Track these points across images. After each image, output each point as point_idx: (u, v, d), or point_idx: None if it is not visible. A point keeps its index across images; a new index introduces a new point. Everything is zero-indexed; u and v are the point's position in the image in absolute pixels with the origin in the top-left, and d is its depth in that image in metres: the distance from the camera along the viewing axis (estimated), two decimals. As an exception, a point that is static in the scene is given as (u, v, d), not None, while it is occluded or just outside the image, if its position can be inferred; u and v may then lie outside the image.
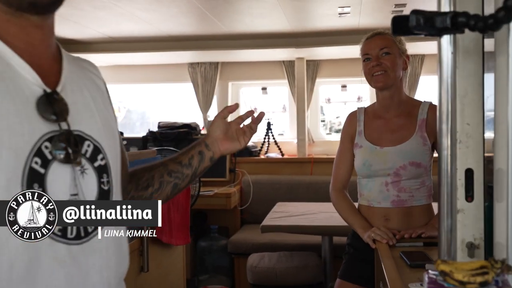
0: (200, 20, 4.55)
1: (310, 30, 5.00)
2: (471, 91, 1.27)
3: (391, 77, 2.20)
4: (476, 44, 1.25)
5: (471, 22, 1.03)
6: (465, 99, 1.26)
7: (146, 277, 2.23)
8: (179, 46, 5.40)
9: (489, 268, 1.02)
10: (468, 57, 1.27)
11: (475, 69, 1.27)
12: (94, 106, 1.15)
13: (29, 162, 0.99)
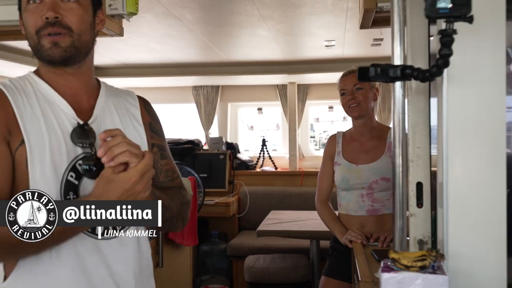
0: (204, 50, 4.66)
1: (301, 59, 5.12)
2: (420, 122, 1.48)
3: (363, 108, 2.36)
4: (424, 87, 1.46)
5: (415, 73, 1.26)
6: (416, 128, 1.47)
7: (161, 272, 2.31)
8: (184, 71, 5.49)
9: (427, 256, 1.23)
10: (417, 96, 1.47)
11: (423, 105, 1.48)
12: (128, 131, 1.26)
13: (66, 176, 1.16)
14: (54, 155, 1.14)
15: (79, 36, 1.15)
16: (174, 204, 1.29)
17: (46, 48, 1.11)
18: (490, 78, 1.28)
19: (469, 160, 1.30)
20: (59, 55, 1.12)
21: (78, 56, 1.17)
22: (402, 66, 1.29)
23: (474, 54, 1.26)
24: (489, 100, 1.28)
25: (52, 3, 1.11)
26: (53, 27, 1.10)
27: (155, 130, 1.36)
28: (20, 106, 1.15)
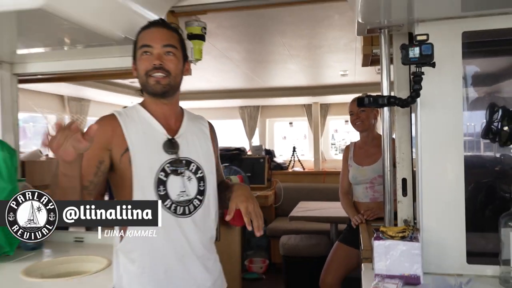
0: (247, 79, 4.83)
1: (322, 85, 5.21)
2: (404, 135, 1.62)
3: (365, 125, 2.51)
4: (406, 109, 1.59)
5: (397, 101, 1.42)
6: (401, 139, 1.61)
7: (218, 244, 2.50)
8: (233, 96, 5.65)
9: (407, 229, 1.37)
10: (402, 116, 1.60)
11: (406, 123, 1.61)
12: (199, 144, 1.35)
13: (158, 174, 1.25)
14: (150, 159, 1.25)
15: (174, 77, 1.28)
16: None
17: (151, 85, 1.25)
18: (450, 103, 1.40)
19: (436, 162, 1.41)
20: (160, 90, 1.26)
21: (171, 91, 1.29)
22: (388, 96, 1.45)
23: (438, 87, 1.40)
24: (449, 118, 1.40)
25: (159, 55, 1.25)
26: (157, 71, 1.24)
27: (216, 145, 1.46)
28: (127, 125, 1.27)
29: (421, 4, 1.29)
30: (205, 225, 1.34)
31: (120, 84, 4.80)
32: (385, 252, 1.32)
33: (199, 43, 2.07)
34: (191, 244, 1.28)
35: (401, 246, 1.30)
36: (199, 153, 1.34)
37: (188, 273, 1.29)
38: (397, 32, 1.55)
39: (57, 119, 4.80)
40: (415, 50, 1.27)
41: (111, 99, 5.33)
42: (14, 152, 1.74)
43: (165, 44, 1.26)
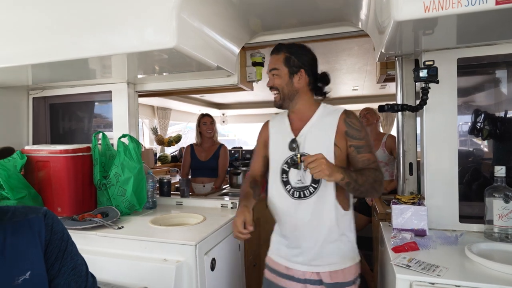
0: None
1: (337, 97, 5.17)
2: (410, 132, 1.67)
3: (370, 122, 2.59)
4: (413, 114, 1.64)
5: (409, 108, 1.48)
6: (408, 135, 1.66)
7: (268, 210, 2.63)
8: (270, 105, 5.27)
9: (415, 197, 1.44)
10: (409, 118, 1.65)
11: (412, 123, 1.66)
12: (318, 139, 1.20)
13: (282, 166, 1.25)
14: (279, 154, 1.27)
15: (282, 90, 1.26)
16: (367, 181, 1.14)
17: (274, 101, 1.31)
18: (447, 109, 1.45)
19: (437, 151, 1.46)
20: (276, 105, 1.29)
21: (287, 101, 1.26)
22: (401, 104, 1.52)
23: (439, 97, 1.45)
24: (447, 120, 1.45)
25: (270, 80, 1.28)
26: (272, 90, 1.30)
27: (350, 135, 1.20)
28: (272, 128, 1.34)
29: (427, 40, 1.35)
30: (318, 208, 1.20)
31: (192, 98, 5.00)
32: (401, 213, 1.39)
33: (259, 69, 2.19)
34: (300, 221, 1.22)
35: (412, 209, 1.37)
36: (316, 148, 1.19)
37: (297, 242, 1.25)
38: (407, 59, 1.60)
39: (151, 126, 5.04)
40: (424, 71, 1.32)
41: (185, 108, 5.55)
42: (139, 143, 1.92)
43: (270, 69, 1.27)
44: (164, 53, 1.38)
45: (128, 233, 1.49)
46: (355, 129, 1.21)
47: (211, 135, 2.88)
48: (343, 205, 1.23)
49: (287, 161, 1.24)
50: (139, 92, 2.25)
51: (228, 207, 2.00)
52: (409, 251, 1.18)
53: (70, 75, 1.89)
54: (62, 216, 1.77)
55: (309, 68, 1.26)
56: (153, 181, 2.01)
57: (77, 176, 1.81)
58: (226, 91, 2.29)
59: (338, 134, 1.21)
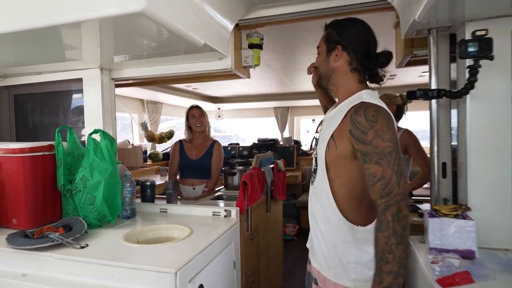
0: (282, 85, 4.58)
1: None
2: (444, 124, 1.37)
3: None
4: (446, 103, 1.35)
5: (447, 93, 1.17)
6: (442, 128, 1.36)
7: (269, 214, 2.32)
8: (269, 99, 5.43)
9: (459, 208, 1.14)
10: (441, 108, 1.35)
11: (446, 114, 1.37)
12: (327, 128, 1.05)
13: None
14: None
15: (320, 69, 1.14)
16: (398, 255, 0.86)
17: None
18: (499, 96, 1.14)
19: (486, 149, 1.16)
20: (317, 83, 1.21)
21: (324, 81, 1.14)
22: (438, 90, 1.20)
23: (487, 81, 1.14)
24: (497, 110, 1.15)
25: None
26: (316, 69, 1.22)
27: (355, 137, 0.94)
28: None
29: (474, 3, 1.04)
30: (316, 198, 1.09)
31: (184, 90, 4.68)
32: (440, 228, 1.09)
33: (257, 51, 1.87)
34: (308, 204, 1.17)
35: (456, 224, 1.07)
36: (321, 137, 1.08)
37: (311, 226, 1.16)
38: (441, 34, 1.30)
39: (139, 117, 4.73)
40: (473, 45, 1.02)
41: (178, 101, 5.23)
42: (113, 140, 1.60)
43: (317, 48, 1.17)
44: (132, 22, 1.05)
45: (91, 255, 1.18)
46: (360, 130, 0.94)
47: (201, 129, 2.55)
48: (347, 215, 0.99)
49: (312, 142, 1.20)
50: (116, 80, 1.93)
51: (221, 215, 1.69)
52: (462, 285, 0.88)
53: (33, 55, 1.57)
54: (16, 229, 1.45)
55: (350, 44, 1.06)
56: (132, 185, 1.70)
57: (36, 180, 1.50)
58: (218, 78, 1.97)
59: (340, 129, 0.99)
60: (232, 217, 1.66)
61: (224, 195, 2.40)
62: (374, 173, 0.90)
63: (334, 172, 1.00)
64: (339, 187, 0.99)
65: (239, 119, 6.75)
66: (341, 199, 0.99)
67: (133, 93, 4.35)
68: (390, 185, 0.88)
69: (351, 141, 0.95)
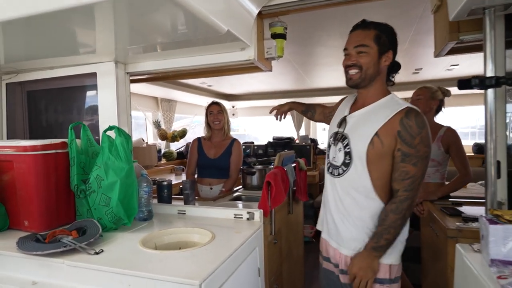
0: (299, 81, 4.42)
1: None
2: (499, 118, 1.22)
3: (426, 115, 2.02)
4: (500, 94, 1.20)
5: (509, 82, 1.02)
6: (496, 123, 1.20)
7: (291, 216, 2.21)
8: (284, 96, 5.27)
9: None
10: (496, 99, 1.20)
11: (501, 106, 1.22)
12: (361, 126, 1.18)
13: (329, 141, 1.29)
14: (332, 128, 1.33)
15: (365, 71, 1.16)
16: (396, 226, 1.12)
17: (347, 80, 1.22)
18: None
19: None
20: (351, 84, 1.20)
21: (363, 83, 1.19)
22: (496, 77, 1.05)
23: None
24: None
25: (353, 56, 1.17)
26: (350, 68, 1.18)
27: (402, 138, 1.10)
28: (341, 104, 1.39)
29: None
30: (345, 189, 1.20)
31: (198, 87, 4.59)
32: (504, 237, 0.94)
33: (281, 42, 1.74)
34: (329, 197, 1.28)
35: (525, 232, 0.92)
36: (356, 134, 1.19)
37: (327, 219, 1.30)
38: (498, 14, 1.14)
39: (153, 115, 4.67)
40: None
41: (192, 99, 5.15)
42: (129, 137, 1.50)
43: (356, 45, 1.16)
44: (150, 5, 0.94)
45: (107, 262, 1.08)
46: (409, 134, 1.10)
47: (219, 127, 2.44)
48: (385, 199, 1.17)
49: (332, 136, 1.28)
50: (132, 74, 1.83)
51: (244, 218, 1.57)
52: (543, 307, 0.73)
53: (45, 48, 1.49)
54: (28, 231, 1.37)
55: (394, 51, 1.21)
56: (148, 185, 1.60)
57: (48, 180, 1.41)
58: (239, 71, 1.85)
59: (386, 128, 1.13)
60: (255, 220, 1.55)
61: (242, 196, 2.29)
62: (408, 171, 1.10)
63: (373, 166, 1.14)
64: (377, 178, 1.15)
65: (252, 117, 6.62)
66: (379, 187, 1.16)
67: (147, 91, 4.28)
68: (415, 184, 1.10)
69: (396, 141, 1.11)
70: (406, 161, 1.10)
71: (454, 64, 3.34)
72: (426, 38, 2.47)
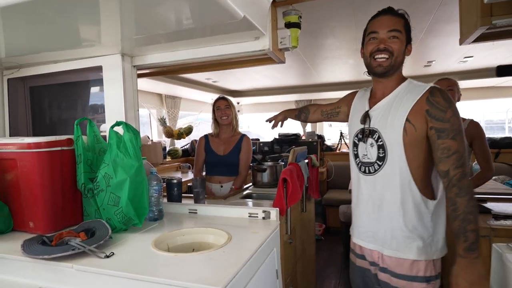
0: (306, 75, 4.34)
1: (365, 79, 4.66)
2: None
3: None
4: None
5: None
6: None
7: (304, 214, 2.16)
8: (290, 91, 5.22)
9: None
10: None
11: None
12: (394, 115, 1.11)
13: (353, 139, 1.24)
14: (353, 126, 1.26)
15: (395, 58, 1.12)
16: (473, 209, 1.00)
17: (374, 66, 1.14)
18: None
19: None
20: (381, 71, 1.14)
21: (392, 71, 1.14)
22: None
23: None
24: None
25: (383, 40, 1.12)
26: (380, 53, 1.11)
27: (432, 115, 1.05)
28: (356, 99, 1.32)
29: None
30: (384, 186, 1.14)
31: (203, 83, 4.51)
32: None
33: (295, 31, 1.66)
34: (364, 197, 1.21)
35: None
36: (386, 125, 1.13)
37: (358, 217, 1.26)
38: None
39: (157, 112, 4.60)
40: None
41: (197, 96, 5.08)
42: (138, 133, 1.43)
43: (390, 30, 1.11)
44: None
45: (118, 266, 1.00)
46: (439, 109, 1.06)
47: (227, 122, 2.36)
48: (424, 192, 1.10)
49: (357, 134, 1.22)
50: (139, 68, 1.75)
51: (259, 217, 1.49)
52: None
53: (48, 39, 1.41)
54: (34, 233, 1.30)
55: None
56: (158, 184, 1.52)
57: (54, 178, 1.34)
58: (250, 64, 1.77)
59: (415, 111, 1.08)
60: (271, 219, 1.47)
61: (253, 194, 2.21)
62: (450, 147, 1.03)
63: (411, 155, 1.08)
64: (416, 168, 1.09)
65: (257, 114, 6.54)
66: (418, 178, 1.09)
67: (151, 87, 4.21)
68: (463, 158, 1.02)
69: (426, 121, 1.06)
70: (443, 137, 1.04)
71: (468, 56, 3.24)
72: (445, 27, 2.37)
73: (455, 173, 1.01)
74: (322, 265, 3.30)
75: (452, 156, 1.02)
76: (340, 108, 1.44)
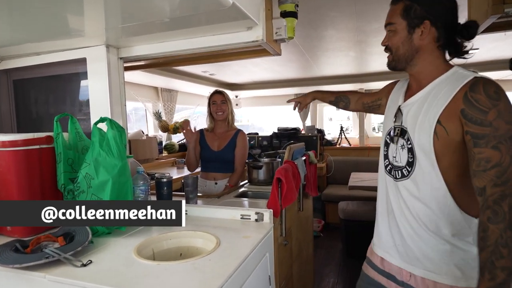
0: (306, 68, 4.21)
1: (367, 72, 4.50)
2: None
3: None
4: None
5: None
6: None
7: (301, 213, 2.10)
8: (289, 84, 5.11)
9: None
10: None
11: None
12: (426, 113, 0.93)
13: (385, 137, 1.09)
14: (387, 123, 1.10)
15: (396, 51, 1.00)
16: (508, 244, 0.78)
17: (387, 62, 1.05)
18: None
19: None
20: (389, 66, 1.05)
21: (399, 64, 1.01)
22: None
23: None
24: None
25: (385, 38, 1.03)
26: (386, 50, 1.04)
27: (468, 117, 0.85)
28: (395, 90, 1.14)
29: None
30: (412, 195, 0.96)
31: (200, 76, 4.40)
32: None
33: (291, 21, 1.55)
34: (392, 205, 1.03)
35: None
36: (416, 125, 0.96)
37: (383, 227, 1.08)
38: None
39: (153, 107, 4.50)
40: None
41: (193, 89, 4.97)
42: (123, 130, 1.34)
43: (385, 25, 1.01)
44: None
45: (95, 276, 0.93)
46: (478, 109, 0.84)
47: (223, 117, 2.27)
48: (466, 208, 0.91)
49: (389, 132, 1.06)
50: (126, 60, 1.66)
51: (252, 219, 1.41)
52: None
53: (29, 29, 1.32)
54: (11, 237, 1.22)
55: (439, 19, 0.95)
56: (145, 183, 1.44)
57: (32, 179, 1.26)
58: (244, 56, 1.68)
59: (449, 111, 0.89)
60: (265, 221, 1.39)
61: (249, 192, 2.13)
62: (489, 158, 0.81)
63: (448, 162, 0.90)
64: (456, 176, 0.91)
65: (256, 107, 6.43)
66: (457, 190, 0.91)
67: (146, 81, 4.11)
68: (507, 174, 0.79)
69: (461, 123, 0.86)
70: (481, 145, 0.82)
71: (474, 48, 3.11)
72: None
73: (492, 192, 0.80)
74: (320, 263, 3.24)
75: (490, 170, 0.80)
76: (381, 101, 1.27)
